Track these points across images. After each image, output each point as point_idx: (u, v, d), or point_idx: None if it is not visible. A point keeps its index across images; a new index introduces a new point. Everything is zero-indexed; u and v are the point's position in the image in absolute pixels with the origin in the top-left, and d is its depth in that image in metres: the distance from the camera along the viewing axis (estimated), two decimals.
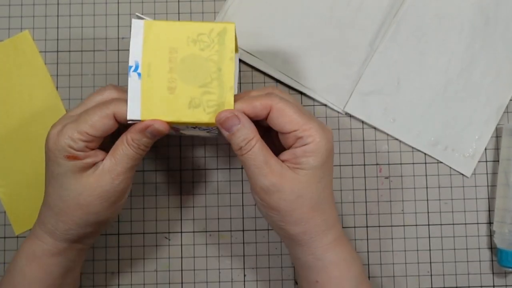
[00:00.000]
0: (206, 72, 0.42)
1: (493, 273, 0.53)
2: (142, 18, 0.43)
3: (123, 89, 0.44)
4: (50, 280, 0.43)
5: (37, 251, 0.43)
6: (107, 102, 0.42)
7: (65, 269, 0.44)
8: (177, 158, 0.53)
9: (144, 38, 0.42)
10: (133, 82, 0.42)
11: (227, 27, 0.42)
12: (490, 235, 0.53)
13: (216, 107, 0.42)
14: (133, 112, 0.41)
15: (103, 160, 0.42)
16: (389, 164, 0.54)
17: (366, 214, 0.53)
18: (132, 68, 0.42)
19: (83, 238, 0.44)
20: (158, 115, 0.42)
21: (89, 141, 0.41)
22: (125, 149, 0.41)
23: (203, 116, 0.42)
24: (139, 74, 0.42)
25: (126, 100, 0.41)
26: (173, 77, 0.42)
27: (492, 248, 0.53)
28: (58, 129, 0.41)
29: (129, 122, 0.41)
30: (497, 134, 0.54)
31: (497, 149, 0.54)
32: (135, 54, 0.42)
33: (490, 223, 0.53)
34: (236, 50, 0.44)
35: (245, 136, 0.40)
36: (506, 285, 0.52)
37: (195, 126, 0.43)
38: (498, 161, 0.53)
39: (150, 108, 0.42)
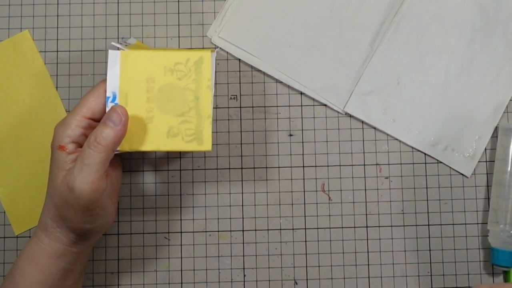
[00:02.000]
0: (184, 101, 0.43)
1: (493, 274, 0.53)
2: (118, 48, 0.44)
3: None
4: (49, 281, 0.43)
5: (35, 251, 0.43)
6: (98, 84, 0.43)
7: (64, 271, 0.44)
8: (177, 158, 0.53)
9: (121, 69, 0.43)
10: None
11: (203, 56, 0.42)
12: (487, 235, 0.53)
13: (194, 135, 0.43)
14: None
15: None
16: (389, 164, 0.54)
17: (366, 214, 0.53)
18: (110, 99, 0.43)
19: (70, 240, 0.43)
20: (137, 144, 0.42)
21: (86, 128, 0.42)
22: (85, 151, 0.41)
23: (182, 144, 0.43)
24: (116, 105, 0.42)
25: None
26: (151, 107, 0.43)
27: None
28: (62, 121, 0.43)
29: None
30: (497, 134, 0.54)
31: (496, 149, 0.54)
32: (113, 85, 0.43)
33: (486, 223, 0.53)
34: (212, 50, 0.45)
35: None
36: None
37: None
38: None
39: (129, 138, 0.42)
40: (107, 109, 0.42)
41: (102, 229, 0.45)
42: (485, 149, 0.53)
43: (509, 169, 0.51)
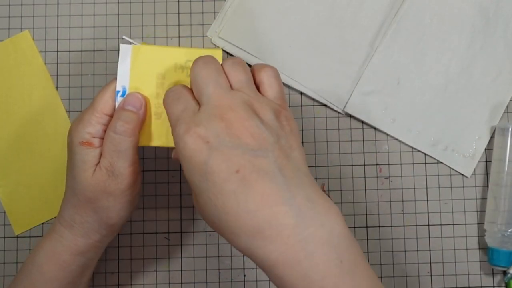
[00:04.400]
0: None
1: (493, 274, 0.53)
2: (129, 42, 0.43)
3: None
4: (69, 278, 0.43)
5: (57, 247, 0.43)
6: (111, 81, 0.43)
7: (84, 267, 0.44)
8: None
9: (132, 63, 0.42)
10: None
11: (214, 54, 0.42)
12: (484, 235, 0.53)
13: None
14: None
15: None
16: (389, 164, 0.54)
17: (366, 214, 0.53)
18: (120, 93, 0.42)
19: (99, 233, 0.44)
20: (144, 140, 0.42)
21: (106, 124, 0.42)
22: (111, 139, 0.41)
23: None
24: None
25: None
26: (159, 103, 0.42)
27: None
28: (78, 118, 0.42)
29: None
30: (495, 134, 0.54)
31: None
32: (123, 79, 0.42)
33: (482, 223, 0.53)
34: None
35: None
36: (505, 285, 0.52)
37: None
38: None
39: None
40: (116, 104, 0.42)
41: (129, 216, 0.45)
42: (485, 149, 0.53)
43: (506, 169, 0.51)
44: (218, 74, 0.37)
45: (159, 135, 0.43)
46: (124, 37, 0.45)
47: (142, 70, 0.43)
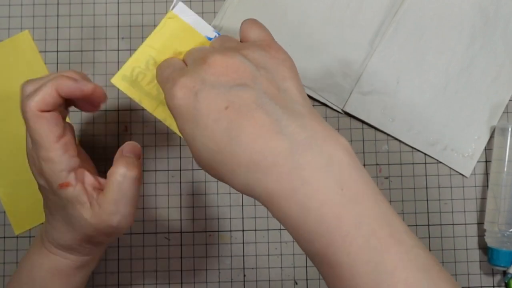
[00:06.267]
0: None
1: (493, 274, 0.53)
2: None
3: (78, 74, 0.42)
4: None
5: (60, 265, 0.43)
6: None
7: (86, 277, 0.45)
8: (177, 158, 0.53)
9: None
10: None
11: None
12: (484, 235, 0.53)
13: None
14: None
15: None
16: (389, 164, 0.54)
17: None
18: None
19: (103, 249, 0.46)
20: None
21: (64, 142, 0.39)
22: (119, 184, 0.40)
23: None
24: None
25: (69, 78, 0.40)
26: None
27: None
28: (42, 158, 0.39)
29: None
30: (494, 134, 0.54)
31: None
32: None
33: (482, 223, 0.53)
34: None
35: None
36: (505, 285, 0.52)
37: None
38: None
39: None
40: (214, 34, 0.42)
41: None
42: (485, 149, 0.53)
43: (505, 169, 0.51)
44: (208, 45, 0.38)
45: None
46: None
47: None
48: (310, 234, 0.30)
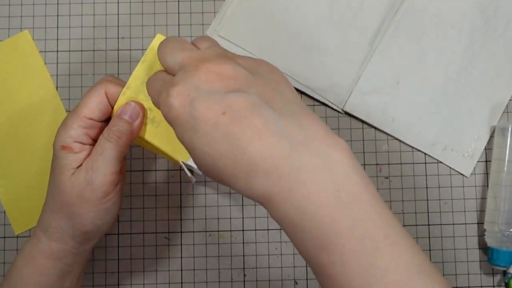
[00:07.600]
0: None
1: (493, 273, 0.53)
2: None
3: (118, 79, 0.45)
4: (47, 282, 0.43)
5: (33, 251, 0.43)
6: (97, 83, 0.43)
7: (62, 272, 0.44)
8: None
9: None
10: None
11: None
12: (484, 234, 0.53)
13: None
14: None
15: None
16: (389, 164, 0.54)
17: None
18: None
19: (73, 240, 0.43)
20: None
21: (88, 128, 0.42)
22: (102, 144, 0.41)
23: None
24: None
25: (116, 83, 0.42)
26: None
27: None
28: (63, 122, 0.42)
29: None
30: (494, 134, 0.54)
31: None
32: None
33: (482, 223, 0.53)
34: None
35: None
36: (505, 285, 0.52)
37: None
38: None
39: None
40: None
41: (108, 226, 0.45)
42: (485, 148, 0.53)
43: (505, 169, 0.51)
44: (183, 43, 0.36)
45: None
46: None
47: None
48: (305, 235, 0.31)
